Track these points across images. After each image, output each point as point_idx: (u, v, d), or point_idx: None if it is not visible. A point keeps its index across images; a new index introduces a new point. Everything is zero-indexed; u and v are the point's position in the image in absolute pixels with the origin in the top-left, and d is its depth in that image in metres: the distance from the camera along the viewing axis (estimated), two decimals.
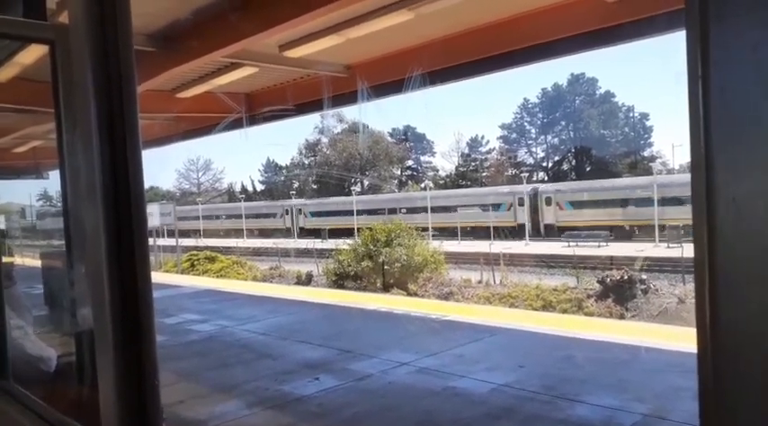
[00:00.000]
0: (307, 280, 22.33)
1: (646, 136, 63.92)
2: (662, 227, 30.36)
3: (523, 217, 36.38)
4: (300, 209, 51.12)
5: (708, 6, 0.74)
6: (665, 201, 30.46)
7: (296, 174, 74.49)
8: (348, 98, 8.88)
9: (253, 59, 7.56)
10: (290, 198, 55.55)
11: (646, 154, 62.78)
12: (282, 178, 77.05)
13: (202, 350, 7.44)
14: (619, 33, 6.02)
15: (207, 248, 31.52)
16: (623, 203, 33.40)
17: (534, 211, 36.95)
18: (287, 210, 52.02)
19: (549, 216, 36.12)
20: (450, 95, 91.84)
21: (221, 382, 6.00)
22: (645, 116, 63.74)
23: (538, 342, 7.32)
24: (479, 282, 19.08)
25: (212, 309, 10.36)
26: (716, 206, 0.72)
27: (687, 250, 25.03)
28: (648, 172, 39.37)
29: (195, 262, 26.79)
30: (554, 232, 34.94)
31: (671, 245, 27.14)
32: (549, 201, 36.80)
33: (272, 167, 79.91)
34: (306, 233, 47.14)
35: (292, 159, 78.04)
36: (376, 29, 6.32)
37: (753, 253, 0.70)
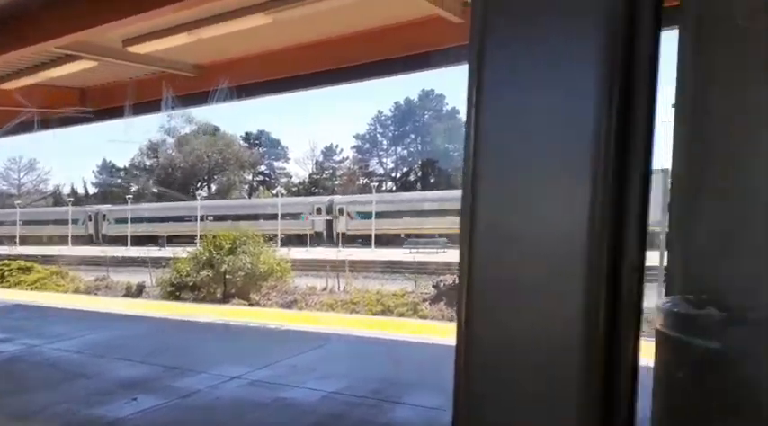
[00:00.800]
0: (137, 292, 20.69)
1: None
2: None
3: (320, 225, 39.64)
4: (105, 215, 47.88)
5: (484, 53, 0.80)
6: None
7: (135, 176, 69.22)
8: (197, 99, 8.53)
9: (92, 52, 6.91)
10: (126, 202, 51.79)
11: None
12: (119, 180, 71.13)
13: (0, 373, 6.53)
14: (464, 53, 6.44)
15: (22, 257, 27.91)
16: (401, 214, 38.21)
17: (329, 221, 40.34)
18: (90, 216, 48.54)
19: (341, 225, 39.40)
20: (308, 102, 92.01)
21: (22, 408, 5.30)
22: None
23: (371, 348, 7.52)
24: (324, 289, 19.16)
25: (19, 326, 9.17)
26: (476, 229, 0.82)
27: None
28: None
29: (6, 273, 23.59)
30: (346, 239, 38.36)
31: None
32: (341, 212, 40.39)
33: (107, 168, 73.55)
34: (136, 241, 44.39)
35: (132, 160, 72.50)
36: (230, 30, 6.11)
37: (500, 272, 0.80)
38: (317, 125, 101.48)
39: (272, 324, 8.78)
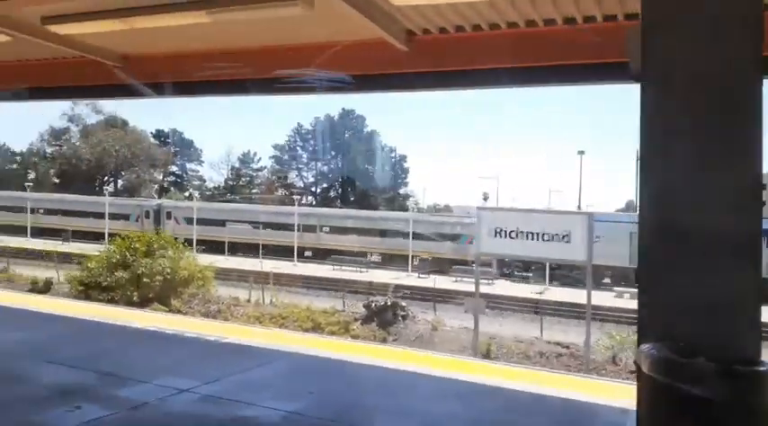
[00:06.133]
0: (45, 288, 18.97)
1: (403, 175, 70.52)
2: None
3: (149, 227, 40.60)
4: None
5: None
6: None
7: (33, 163, 63.87)
8: (116, 90, 8.24)
9: (6, 26, 6.41)
10: (25, 189, 47.74)
11: (402, 191, 69.19)
12: (15, 166, 65.37)
13: None
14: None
15: None
16: (222, 223, 42.52)
17: (157, 223, 42.58)
18: None
19: (168, 228, 40.39)
20: (227, 106, 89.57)
21: None
22: (403, 158, 70.43)
23: (321, 367, 7.26)
24: (248, 301, 18.42)
25: None
26: None
27: (438, 281, 28.09)
28: (404, 207, 48.84)
29: None
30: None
31: (421, 276, 30.90)
32: (169, 216, 44.13)
33: (1, 152, 67.61)
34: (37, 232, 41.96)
35: (31, 145, 67.02)
36: (167, 23, 5.85)
37: None
38: (233, 130, 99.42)
39: (210, 336, 8.27)
